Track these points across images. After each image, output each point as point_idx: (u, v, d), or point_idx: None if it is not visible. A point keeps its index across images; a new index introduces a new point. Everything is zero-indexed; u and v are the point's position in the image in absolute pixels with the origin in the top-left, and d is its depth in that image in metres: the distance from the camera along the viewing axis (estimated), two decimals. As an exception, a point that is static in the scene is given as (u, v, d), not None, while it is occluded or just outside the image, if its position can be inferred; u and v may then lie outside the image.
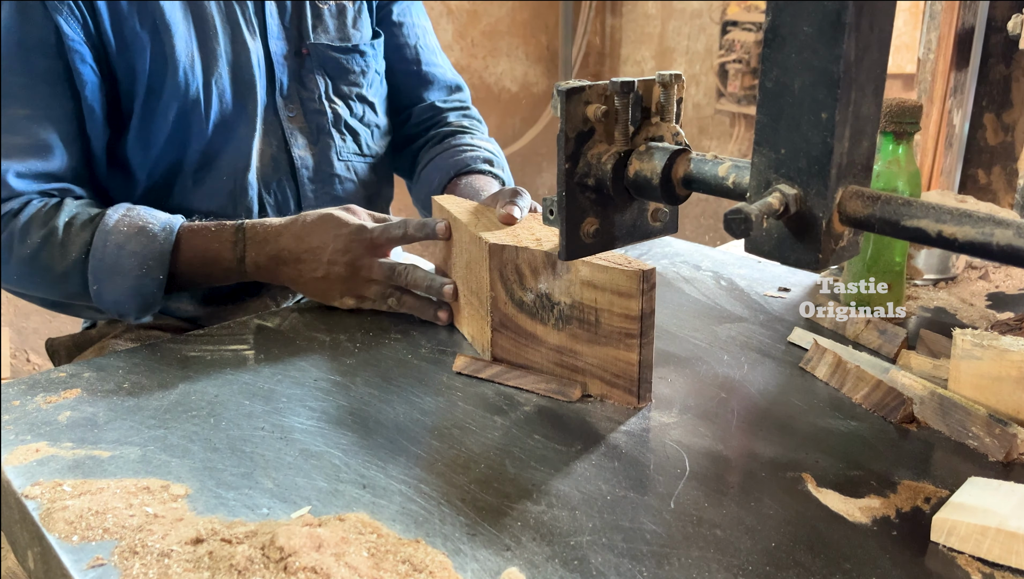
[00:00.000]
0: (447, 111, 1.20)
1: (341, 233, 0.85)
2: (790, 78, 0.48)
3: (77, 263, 0.86)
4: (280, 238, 0.87)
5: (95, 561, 0.50)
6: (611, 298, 0.67)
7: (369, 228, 0.86)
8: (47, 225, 0.86)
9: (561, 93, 0.59)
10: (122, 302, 0.87)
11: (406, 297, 0.87)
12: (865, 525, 0.54)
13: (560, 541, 0.52)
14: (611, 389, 0.70)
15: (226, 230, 0.89)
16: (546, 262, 0.71)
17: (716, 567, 0.50)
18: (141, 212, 0.88)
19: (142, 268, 0.85)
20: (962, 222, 0.45)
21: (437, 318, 0.86)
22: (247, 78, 0.97)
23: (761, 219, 0.48)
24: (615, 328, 0.68)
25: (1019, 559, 0.50)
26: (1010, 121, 1.35)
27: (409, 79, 1.17)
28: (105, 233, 0.86)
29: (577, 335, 0.71)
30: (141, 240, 0.85)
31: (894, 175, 0.84)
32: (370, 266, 0.86)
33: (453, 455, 0.62)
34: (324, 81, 1.04)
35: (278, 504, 0.56)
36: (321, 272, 0.86)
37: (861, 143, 0.50)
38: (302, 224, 0.87)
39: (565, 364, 0.73)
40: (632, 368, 0.69)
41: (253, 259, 0.88)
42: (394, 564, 0.49)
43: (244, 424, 0.67)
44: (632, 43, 3.76)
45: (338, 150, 1.07)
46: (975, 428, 0.64)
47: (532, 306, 0.73)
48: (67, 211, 0.88)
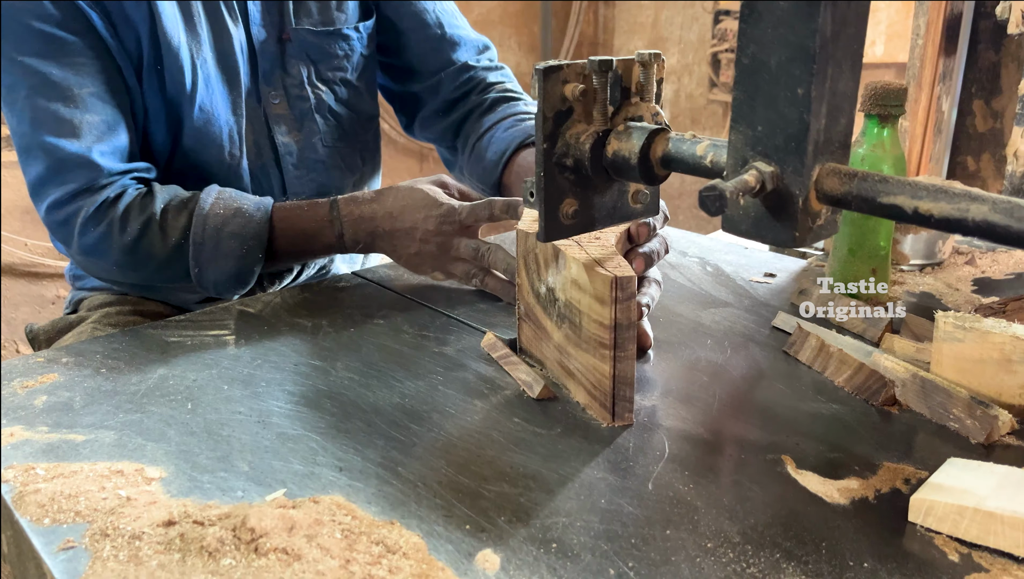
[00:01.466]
0: (483, 70, 1.14)
1: (432, 215, 0.88)
2: (766, 54, 0.48)
3: (178, 248, 0.89)
4: (375, 218, 0.90)
5: (66, 543, 0.49)
6: (590, 302, 0.63)
7: (458, 209, 0.88)
8: (145, 212, 0.88)
9: (539, 72, 0.58)
10: (222, 283, 0.90)
11: (488, 278, 0.89)
12: (844, 506, 0.54)
13: (536, 523, 0.52)
14: (590, 400, 0.66)
15: (320, 208, 0.92)
16: (553, 255, 0.68)
17: (694, 547, 0.50)
18: (233, 194, 0.91)
19: (243, 248, 0.88)
20: (938, 198, 0.44)
21: (515, 299, 0.83)
22: (232, 65, 0.96)
23: (736, 196, 0.47)
24: (592, 334, 0.63)
25: (996, 539, 0.49)
26: (999, 108, 1.34)
27: (433, 44, 1.12)
28: (203, 217, 0.88)
29: (568, 337, 0.67)
30: (239, 221, 0.88)
31: (879, 159, 0.83)
32: (457, 246, 0.89)
33: (432, 438, 0.62)
34: (307, 66, 1.03)
35: (253, 487, 0.55)
36: (414, 249, 0.90)
37: (838, 120, 0.49)
38: (394, 200, 0.90)
39: (563, 365, 0.69)
40: (605, 381, 0.63)
41: (352, 236, 0.91)
42: (367, 545, 0.49)
43: (222, 408, 0.66)
44: (625, 33, 3.75)
45: (322, 136, 1.06)
46: (956, 410, 0.64)
47: (544, 298, 0.70)
48: (162, 197, 0.90)
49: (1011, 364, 0.64)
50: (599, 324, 0.62)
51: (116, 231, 0.88)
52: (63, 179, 0.87)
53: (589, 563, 0.48)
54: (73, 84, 0.86)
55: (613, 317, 0.61)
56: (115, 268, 0.91)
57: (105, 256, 0.90)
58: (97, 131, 0.88)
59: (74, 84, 0.86)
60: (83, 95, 0.87)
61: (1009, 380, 0.65)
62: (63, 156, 0.86)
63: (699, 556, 0.49)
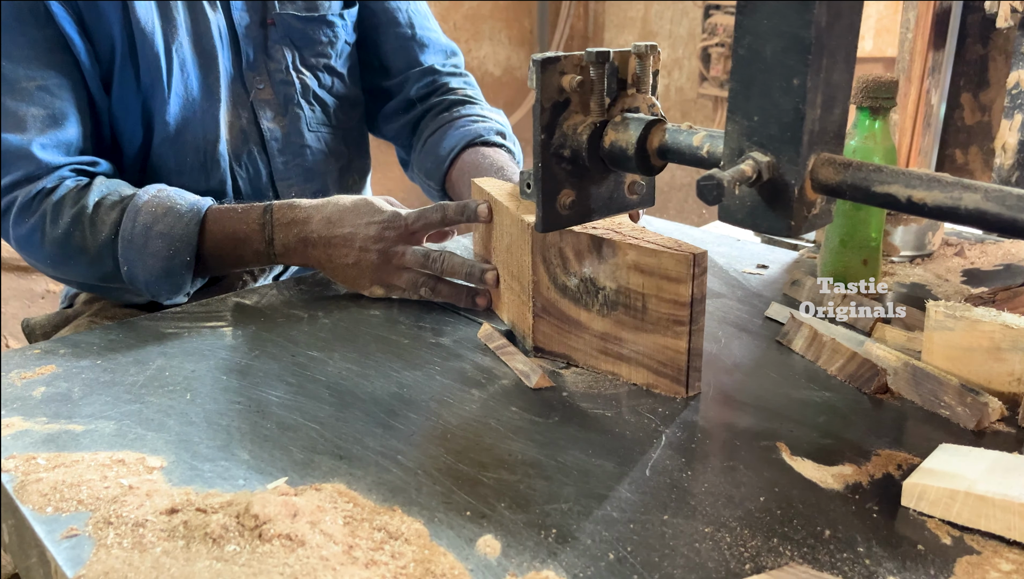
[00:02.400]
0: (447, 75, 1.16)
1: (374, 220, 0.84)
2: (762, 44, 0.48)
3: (108, 244, 0.85)
4: (310, 222, 0.85)
5: (69, 531, 0.49)
6: (659, 283, 0.65)
7: (404, 214, 0.84)
8: (77, 205, 0.86)
9: (536, 63, 0.59)
10: (153, 283, 0.86)
11: (440, 285, 0.84)
12: (838, 491, 0.55)
13: (536, 509, 0.52)
14: (657, 378, 0.68)
15: (253, 211, 0.87)
16: (591, 246, 0.68)
17: (691, 532, 0.50)
18: (171, 193, 0.87)
19: (170, 249, 0.84)
20: (931, 187, 0.45)
21: (475, 305, 0.83)
22: (208, 49, 0.96)
23: (733, 185, 0.48)
24: (663, 314, 0.65)
25: (988, 522, 0.50)
26: (987, 101, 1.36)
27: (402, 43, 1.14)
28: (134, 213, 0.85)
29: (623, 322, 0.68)
30: (168, 221, 0.84)
31: (870, 150, 0.84)
32: (402, 253, 0.84)
33: (430, 427, 0.63)
34: (291, 52, 1.03)
35: (254, 475, 0.56)
36: (352, 258, 0.84)
37: (833, 110, 0.50)
38: (334, 208, 0.85)
39: (609, 351, 0.70)
40: (680, 357, 0.66)
41: (282, 241, 0.86)
42: (370, 532, 0.49)
43: (221, 398, 0.66)
44: (615, 27, 3.76)
45: (307, 121, 1.06)
46: (947, 397, 0.65)
47: (576, 291, 0.70)
48: (98, 190, 0.87)
49: (1000, 352, 0.65)
50: (673, 302, 0.65)
51: (48, 223, 0.86)
52: (3, 171, 0.86)
53: (589, 547, 0.49)
54: (21, 77, 0.86)
55: (692, 293, 0.63)
56: (48, 262, 0.89)
57: (37, 249, 0.88)
58: (40, 124, 0.87)
59: (22, 77, 0.86)
60: (30, 88, 0.87)
61: (999, 368, 0.66)
62: (4, 149, 0.86)
63: (697, 541, 0.50)
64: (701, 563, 0.48)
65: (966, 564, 0.48)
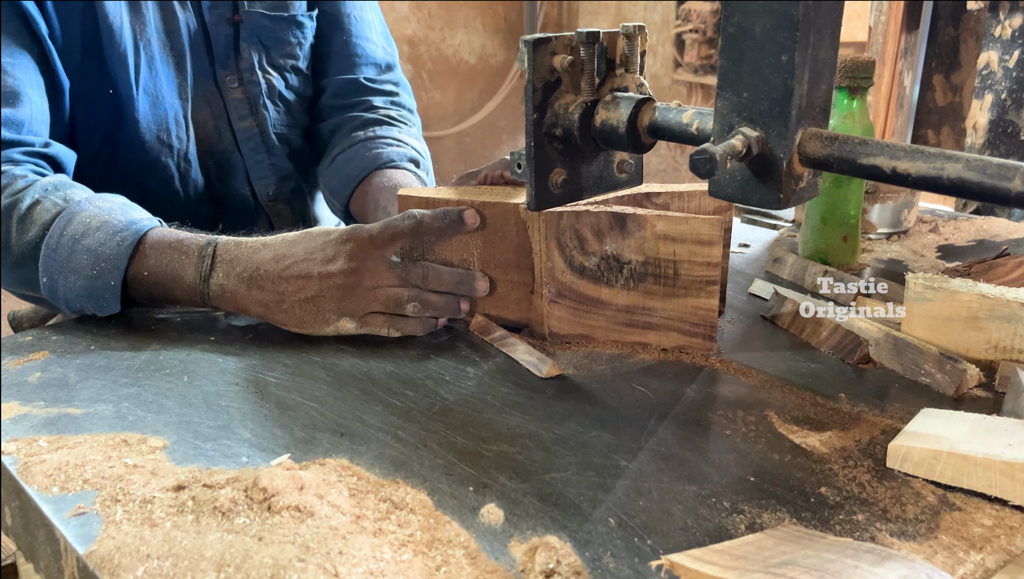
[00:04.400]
0: (373, 93, 1.12)
1: (330, 240, 0.72)
2: (751, 22, 0.50)
3: (31, 247, 0.75)
4: (257, 254, 0.74)
5: (77, 510, 0.50)
6: (692, 248, 0.68)
7: (365, 227, 0.73)
8: (13, 196, 0.77)
9: (528, 44, 0.60)
10: (73, 301, 0.75)
11: (429, 296, 0.74)
12: (827, 455, 0.57)
13: (536, 478, 0.54)
14: (690, 339, 0.71)
15: (196, 242, 0.75)
16: (612, 223, 0.70)
17: (687, 496, 0.52)
18: (115, 205, 0.77)
19: (94, 268, 0.74)
20: (915, 158, 0.47)
21: (460, 311, 0.76)
22: (177, 48, 0.95)
23: (725, 159, 0.49)
24: (696, 277, 0.69)
25: (970, 480, 0.53)
26: (958, 82, 1.39)
27: (337, 49, 1.10)
28: (67, 220, 0.75)
29: (652, 291, 0.71)
30: (99, 236, 0.74)
31: (850, 129, 0.86)
32: (375, 271, 0.72)
33: (428, 403, 0.64)
34: (258, 51, 1.02)
35: (257, 453, 0.57)
36: (312, 290, 0.71)
37: (819, 86, 0.51)
38: (281, 241, 0.74)
39: (636, 322, 0.72)
40: (712, 314, 0.70)
41: (218, 281, 0.74)
42: (376, 502, 0.50)
43: (218, 380, 0.67)
44: (589, 14, 3.76)
45: (273, 122, 1.05)
46: (927, 365, 0.67)
47: (596, 270, 0.71)
48: (42, 187, 0.78)
49: (978, 321, 0.68)
50: (706, 265, 0.68)
51: None
52: None
53: (589, 513, 0.50)
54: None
55: (721, 253, 0.69)
56: None
57: None
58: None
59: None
60: None
61: (976, 336, 0.68)
62: None
63: (694, 504, 0.51)
64: (698, 524, 0.49)
65: (950, 520, 0.50)
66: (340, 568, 0.44)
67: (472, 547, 0.47)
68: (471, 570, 0.45)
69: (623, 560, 0.46)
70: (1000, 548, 0.48)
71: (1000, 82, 1.27)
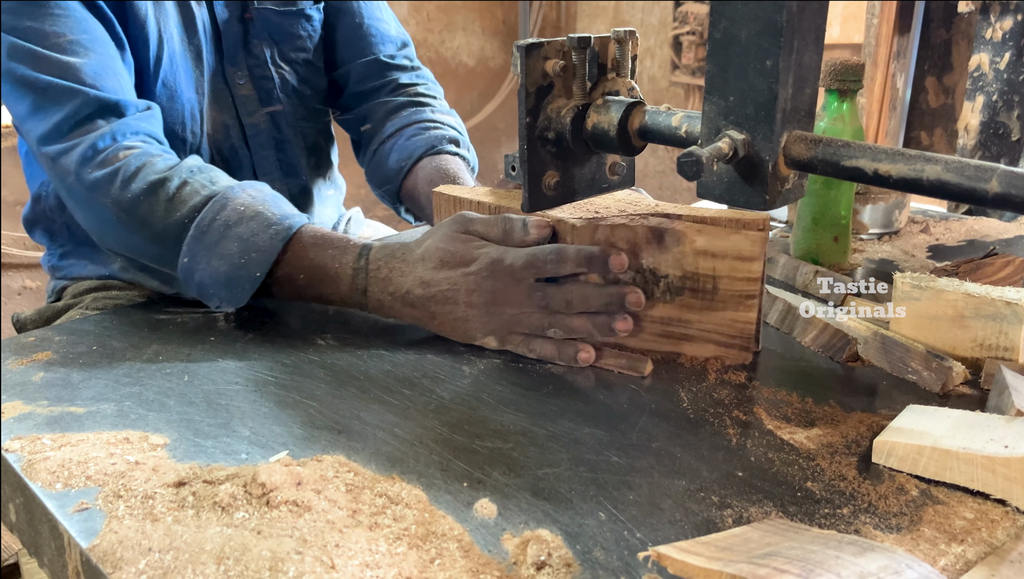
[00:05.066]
0: (396, 69, 1.13)
1: (470, 271, 0.72)
2: (737, 28, 0.51)
3: (177, 227, 0.77)
4: (405, 278, 0.75)
5: (80, 505, 0.51)
6: (732, 264, 0.68)
7: (507, 262, 0.71)
8: (161, 174, 0.79)
9: (521, 49, 0.61)
10: (209, 286, 0.77)
11: (573, 321, 0.71)
12: (814, 451, 0.58)
13: (529, 473, 0.55)
14: (726, 350, 0.71)
15: (349, 251, 0.78)
16: (650, 237, 0.69)
17: (677, 491, 0.53)
18: (267, 196, 0.80)
19: (242, 257, 0.76)
20: (896, 160, 0.48)
21: (613, 332, 0.70)
22: (195, 42, 0.97)
23: (711, 162, 0.51)
24: (735, 292, 0.69)
25: (952, 475, 0.54)
26: (951, 84, 1.40)
27: (350, 33, 1.11)
28: (221, 204, 0.77)
29: (689, 304, 0.70)
30: (253, 225, 0.76)
31: (839, 131, 0.88)
32: (517, 301, 0.72)
33: (424, 401, 0.65)
34: (270, 47, 1.04)
35: (256, 450, 0.58)
36: (459, 313, 0.74)
37: (804, 90, 0.53)
38: (423, 262, 0.75)
39: (671, 334, 0.71)
40: (749, 327, 0.70)
41: (376, 296, 0.77)
42: (372, 498, 0.52)
43: (218, 379, 0.68)
44: (587, 16, 3.78)
45: (287, 115, 1.07)
46: (914, 363, 0.68)
47: (630, 282, 0.70)
48: (188, 167, 0.80)
49: (964, 320, 0.69)
50: (746, 280, 0.68)
51: (119, 180, 0.78)
52: (55, 111, 0.81)
53: (580, 507, 0.51)
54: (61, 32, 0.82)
55: (763, 268, 0.68)
56: (99, 222, 0.82)
57: (94, 205, 0.80)
58: (92, 70, 0.83)
59: (62, 32, 0.82)
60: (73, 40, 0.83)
61: (962, 334, 0.69)
62: (56, 89, 0.81)
63: (684, 499, 0.52)
64: (686, 518, 0.50)
65: (932, 513, 0.51)
66: (336, 560, 0.45)
67: (466, 540, 0.48)
68: (464, 562, 0.46)
69: (612, 552, 0.47)
70: (981, 540, 0.49)
71: (991, 84, 1.29)
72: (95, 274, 1.04)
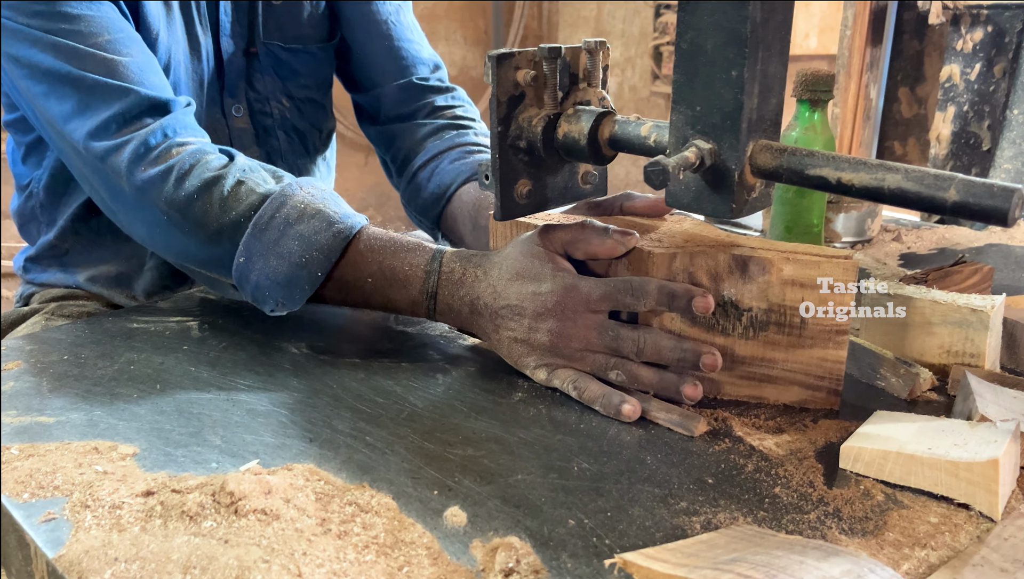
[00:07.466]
0: (431, 91, 1.09)
1: (541, 292, 0.68)
2: (703, 39, 0.52)
3: (233, 226, 0.75)
4: (478, 283, 0.72)
5: (47, 516, 0.51)
6: (823, 295, 0.63)
7: (584, 290, 0.67)
8: (215, 172, 0.77)
9: (492, 59, 0.62)
10: (265, 287, 0.74)
11: (640, 371, 0.66)
12: (783, 457, 0.59)
13: (500, 481, 0.55)
14: (813, 394, 0.66)
15: (420, 253, 0.74)
16: (733, 266, 0.64)
17: (647, 497, 0.54)
18: (327, 194, 0.78)
19: (303, 256, 0.73)
20: (857, 169, 0.49)
21: (681, 395, 0.65)
22: (198, 71, 0.96)
23: (678, 171, 0.51)
24: (825, 326, 0.64)
25: (917, 479, 0.54)
26: (923, 94, 1.42)
27: (382, 56, 1.08)
28: (280, 202, 0.75)
29: (774, 341, 0.65)
30: (314, 224, 0.74)
31: (811, 140, 0.89)
32: (585, 336, 0.67)
33: (397, 410, 0.65)
34: (273, 82, 1.03)
35: (227, 459, 0.58)
36: (521, 334, 0.69)
37: (769, 100, 0.54)
38: (498, 274, 0.71)
39: (753, 375, 0.66)
40: (839, 366, 0.64)
41: (446, 300, 0.73)
42: (341, 506, 0.52)
43: (190, 388, 0.68)
44: (568, 27, 3.80)
45: (283, 152, 1.06)
46: (883, 370, 0.69)
47: (710, 317, 0.65)
48: (241, 166, 0.78)
49: (931, 326, 0.70)
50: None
51: (172, 179, 0.76)
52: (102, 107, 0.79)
53: (550, 514, 0.52)
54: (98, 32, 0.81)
55: (858, 301, 0.64)
56: (149, 223, 0.79)
57: (146, 205, 0.77)
58: (136, 67, 0.81)
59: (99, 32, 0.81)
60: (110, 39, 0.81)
61: (930, 341, 0.70)
62: (101, 87, 0.79)
63: (653, 505, 0.53)
64: (655, 524, 0.51)
65: (897, 518, 0.52)
66: (304, 569, 0.45)
67: (435, 548, 0.48)
68: (432, 570, 0.46)
69: (581, 559, 0.47)
70: (944, 544, 0.50)
71: (962, 95, 1.31)
72: (62, 282, 1.03)
